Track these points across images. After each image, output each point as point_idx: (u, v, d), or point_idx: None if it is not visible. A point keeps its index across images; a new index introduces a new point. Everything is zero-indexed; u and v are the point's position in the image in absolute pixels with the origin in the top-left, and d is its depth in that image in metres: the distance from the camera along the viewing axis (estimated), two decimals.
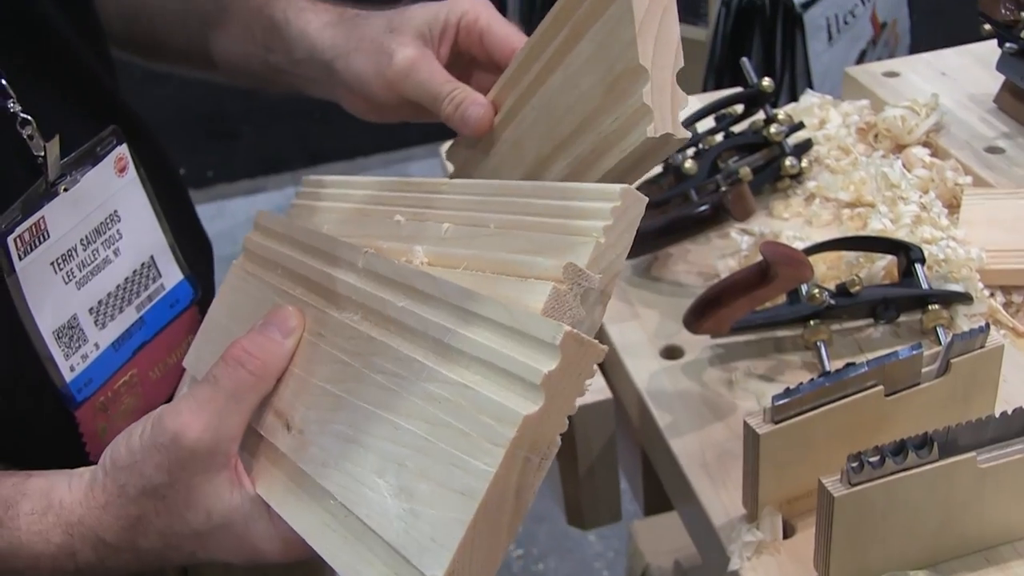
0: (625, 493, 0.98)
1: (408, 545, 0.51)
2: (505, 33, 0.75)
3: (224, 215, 3.20)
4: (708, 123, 1.10)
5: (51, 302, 0.69)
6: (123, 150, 0.74)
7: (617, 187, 0.56)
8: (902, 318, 0.87)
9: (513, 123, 0.72)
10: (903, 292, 0.86)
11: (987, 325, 0.72)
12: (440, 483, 0.51)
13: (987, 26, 1.10)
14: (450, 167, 0.80)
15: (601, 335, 0.94)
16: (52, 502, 0.60)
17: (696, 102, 1.19)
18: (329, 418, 0.59)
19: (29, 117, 0.67)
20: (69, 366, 0.71)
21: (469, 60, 0.79)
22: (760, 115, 1.07)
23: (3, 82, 0.66)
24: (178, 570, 0.81)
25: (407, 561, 0.51)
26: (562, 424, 0.52)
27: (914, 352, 0.69)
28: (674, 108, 0.61)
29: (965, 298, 0.87)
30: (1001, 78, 1.14)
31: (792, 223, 1.03)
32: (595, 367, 0.53)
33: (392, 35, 0.76)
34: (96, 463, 0.68)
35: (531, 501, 0.52)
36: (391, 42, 0.76)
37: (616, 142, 0.62)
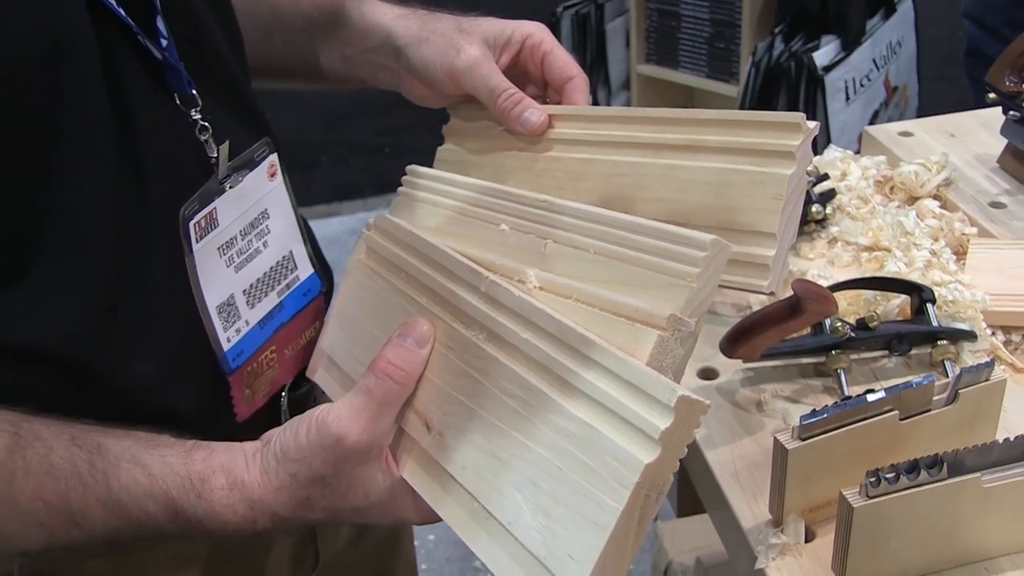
0: None
1: (548, 556, 0.54)
2: (565, 61, 0.80)
3: None
4: None
5: (216, 281, 0.73)
6: (274, 158, 0.78)
7: (708, 237, 0.57)
8: (914, 351, 0.89)
9: (571, 154, 0.75)
10: (915, 328, 0.88)
11: (992, 361, 0.73)
12: (573, 509, 0.54)
13: (992, 95, 1.12)
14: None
15: None
16: (236, 480, 0.66)
17: None
18: (465, 427, 0.62)
19: (207, 124, 0.71)
20: (226, 337, 0.74)
21: (521, 75, 0.83)
22: None
23: (194, 91, 0.70)
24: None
25: (547, 569, 0.55)
26: (675, 465, 0.55)
27: (927, 382, 0.70)
28: (783, 273, 0.65)
29: (970, 336, 0.88)
30: (1004, 141, 1.15)
31: (816, 263, 1.04)
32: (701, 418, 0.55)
33: (461, 34, 0.80)
34: (240, 423, 0.74)
35: (648, 525, 0.55)
36: (459, 39, 0.80)
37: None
